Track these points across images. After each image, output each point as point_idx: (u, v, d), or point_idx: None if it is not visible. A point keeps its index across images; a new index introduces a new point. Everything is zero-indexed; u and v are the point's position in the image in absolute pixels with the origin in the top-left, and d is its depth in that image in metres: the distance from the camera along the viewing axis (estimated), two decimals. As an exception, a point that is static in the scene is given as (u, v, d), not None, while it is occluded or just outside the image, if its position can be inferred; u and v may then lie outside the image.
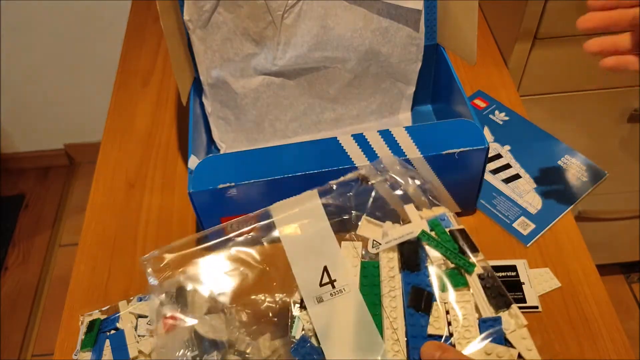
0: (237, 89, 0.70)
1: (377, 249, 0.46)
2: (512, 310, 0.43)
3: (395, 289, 0.44)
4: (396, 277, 0.45)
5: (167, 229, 0.70)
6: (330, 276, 0.44)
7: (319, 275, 0.44)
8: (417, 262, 0.45)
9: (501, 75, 0.85)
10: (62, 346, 0.60)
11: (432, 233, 0.47)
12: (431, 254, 0.46)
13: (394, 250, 0.47)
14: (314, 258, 0.45)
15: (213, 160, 0.60)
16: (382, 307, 0.43)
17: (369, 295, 0.44)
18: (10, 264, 1.61)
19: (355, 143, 0.59)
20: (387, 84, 0.74)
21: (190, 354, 0.51)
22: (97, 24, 1.43)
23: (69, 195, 1.78)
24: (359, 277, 0.45)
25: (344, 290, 0.44)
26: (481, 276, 0.45)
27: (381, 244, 0.46)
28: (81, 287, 0.65)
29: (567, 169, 0.72)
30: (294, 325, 0.45)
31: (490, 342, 0.41)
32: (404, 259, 0.46)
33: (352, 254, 0.46)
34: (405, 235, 0.46)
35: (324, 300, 0.43)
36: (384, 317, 0.43)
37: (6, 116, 1.66)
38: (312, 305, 0.43)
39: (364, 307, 0.43)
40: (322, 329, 0.42)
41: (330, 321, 0.42)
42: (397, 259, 0.46)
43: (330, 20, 0.66)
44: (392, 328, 0.42)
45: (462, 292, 0.44)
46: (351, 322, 0.42)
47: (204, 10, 0.64)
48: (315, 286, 0.44)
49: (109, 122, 0.84)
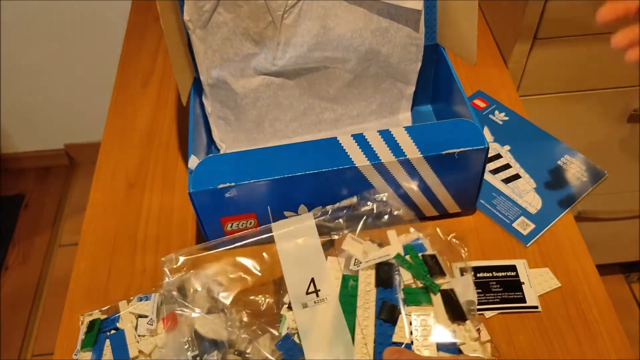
0: (237, 89, 0.70)
1: (358, 266, 0.52)
2: (467, 326, 0.50)
3: (369, 301, 0.50)
4: (371, 291, 0.51)
5: (167, 228, 0.70)
6: (316, 286, 0.51)
7: (306, 285, 0.51)
8: (390, 281, 0.52)
9: (501, 75, 0.85)
10: (62, 346, 0.60)
11: (407, 257, 0.54)
12: (403, 274, 0.52)
13: (372, 268, 0.53)
14: (303, 270, 0.52)
15: (213, 160, 0.60)
16: (357, 316, 0.49)
17: (346, 305, 0.50)
18: (10, 264, 1.61)
19: (355, 143, 0.59)
20: (387, 84, 0.74)
21: (190, 353, 0.52)
22: (97, 24, 1.43)
23: (69, 195, 1.78)
24: (340, 289, 0.52)
25: (325, 299, 0.51)
26: (445, 295, 0.51)
27: (362, 262, 0.52)
28: (81, 287, 0.65)
29: (567, 169, 0.72)
30: (282, 323, 0.52)
31: (444, 351, 0.48)
32: (379, 276, 0.52)
33: (336, 268, 0.53)
34: (384, 257, 0.53)
35: (308, 306, 0.50)
36: (357, 324, 0.49)
37: (6, 116, 1.66)
38: (297, 310, 0.50)
39: (341, 315, 0.49)
40: (304, 330, 0.49)
41: (311, 324, 0.49)
42: (373, 275, 0.53)
43: (330, 20, 0.66)
44: (362, 334, 0.49)
45: (426, 308, 0.50)
46: (329, 327, 0.49)
47: (204, 11, 0.64)
48: (302, 293, 0.51)
49: (109, 122, 0.84)
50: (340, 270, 0.53)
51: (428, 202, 0.64)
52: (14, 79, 1.55)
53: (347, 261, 0.54)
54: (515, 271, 0.62)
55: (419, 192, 0.63)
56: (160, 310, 0.57)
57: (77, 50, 1.49)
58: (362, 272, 0.53)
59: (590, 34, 0.83)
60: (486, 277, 0.61)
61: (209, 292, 0.57)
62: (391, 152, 0.59)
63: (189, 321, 0.53)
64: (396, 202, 0.58)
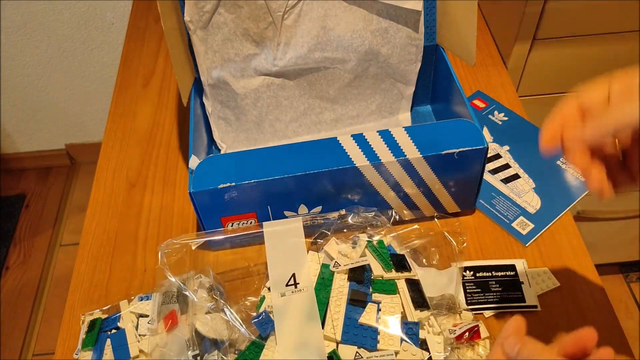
0: (238, 90, 0.70)
1: (337, 268, 0.56)
2: (431, 321, 0.54)
3: (342, 294, 0.55)
4: (345, 286, 0.55)
5: (168, 228, 0.70)
6: (295, 280, 0.56)
7: (287, 278, 0.56)
8: (362, 278, 0.56)
9: (500, 76, 0.86)
10: (63, 345, 0.61)
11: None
12: (374, 270, 0.56)
13: (346, 273, 0.57)
14: (286, 265, 0.57)
15: (213, 160, 0.60)
16: (329, 305, 0.54)
17: (320, 294, 0.55)
18: (11, 264, 1.61)
19: (355, 143, 0.60)
20: (386, 85, 0.74)
21: (191, 353, 0.52)
22: (98, 24, 1.43)
23: (69, 195, 1.79)
24: (317, 279, 0.56)
25: (302, 290, 0.55)
26: (410, 283, 0.56)
27: (340, 265, 0.56)
28: (82, 287, 0.65)
29: (566, 168, 0.72)
30: (261, 303, 0.56)
31: (407, 341, 0.51)
32: (353, 275, 0.56)
33: (315, 260, 0.58)
34: (361, 261, 0.56)
35: (286, 295, 0.55)
36: (328, 311, 0.53)
37: (7, 116, 1.66)
38: (276, 297, 0.55)
39: (314, 301, 0.54)
40: (279, 312, 0.54)
41: (287, 308, 0.54)
42: (348, 273, 0.57)
43: (330, 20, 0.66)
44: (332, 318, 0.53)
45: (392, 297, 0.55)
46: (302, 310, 0.53)
47: (205, 11, 0.65)
48: (282, 285, 0.55)
49: (110, 122, 0.84)
50: (319, 262, 0.57)
51: (427, 202, 0.65)
52: (15, 79, 1.55)
53: (327, 257, 0.58)
54: (514, 271, 0.62)
55: (418, 192, 0.63)
56: (161, 310, 0.57)
57: (78, 50, 1.49)
58: (337, 275, 0.56)
59: (589, 35, 0.83)
60: (485, 276, 0.61)
61: (209, 292, 0.57)
62: (391, 152, 0.59)
63: (189, 320, 0.53)
64: (384, 217, 0.62)
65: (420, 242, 0.61)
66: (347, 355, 0.51)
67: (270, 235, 0.60)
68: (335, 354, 0.51)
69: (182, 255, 0.59)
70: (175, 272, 0.57)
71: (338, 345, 0.52)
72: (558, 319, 0.59)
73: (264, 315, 0.53)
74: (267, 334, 0.53)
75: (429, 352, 0.51)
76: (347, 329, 0.52)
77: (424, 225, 0.63)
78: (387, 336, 0.52)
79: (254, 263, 0.62)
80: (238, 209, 0.61)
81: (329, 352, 0.51)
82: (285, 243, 0.59)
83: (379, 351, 0.51)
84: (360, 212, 0.61)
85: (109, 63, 1.52)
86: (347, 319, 0.53)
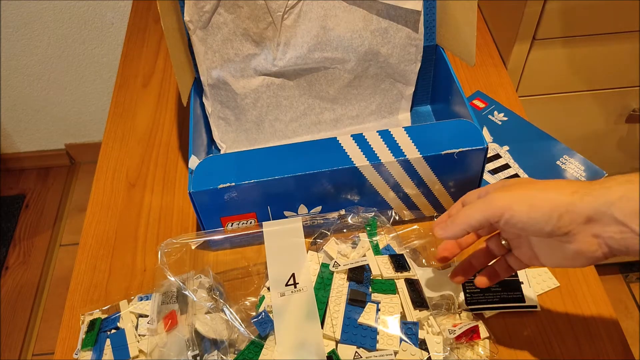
0: (238, 90, 0.70)
1: (337, 268, 0.56)
2: (430, 321, 0.54)
3: (342, 294, 0.55)
4: (344, 286, 0.55)
5: (168, 228, 0.70)
6: (295, 280, 0.56)
7: (286, 278, 0.56)
8: (362, 278, 0.56)
9: (500, 76, 0.86)
10: (63, 345, 0.61)
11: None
12: (373, 270, 0.56)
13: (345, 272, 0.57)
14: (286, 265, 0.57)
15: (213, 160, 0.60)
16: (328, 305, 0.54)
17: (319, 294, 0.55)
18: (11, 264, 1.61)
19: (354, 143, 0.60)
20: (386, 85, 0.74)
21: (190, 353, 0.52)
22: (98, 24, 1.43)
23: (69, 195, 1.79)
24: (316, 278, 0.56)
25: (302, 289, 0.55)
26: (409, 283, 0.56)
27: (340, 265, 0.57)
28: (82, 287, 0.65)
29: (566, 169, 0.72)
30: (260, 302, 0.56)
31: (407, 341, 0.51)
32: (353, 275, 0.56)
33: (315, 260, 0.58)
34: (360, 261, 0.57)
35: (285, 295, 0.55)
36: (328, 311, 0.54)
37: (7, 116, 1.66)
38: (275, 297, 0.55)
39: (313, 301, 0.54)
40: (278, 312, 0.54)
41: (286, 308, 0.54)
42: (347, 273, 0.57)
43: (330, 21, 0.66)
44: (332, 317, 0.53)
45: (392, 297, 0.55)
46: (301, 310, 0.53)
47: (205, 11, 0.65)
48: (282, 285, 0.56)
49: (110, 122, 0.84)
50: (318, 262, 0.58)
51: (427, 202, 0.65)
52: (14, 79, 1.55)
53: (326, 257, 0.58)
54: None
55: (418, 192, 0.63)
56: (160, 310, 0.57)
57: (78, 50, 1.49)
58: (336, 275, 0.56)
59: (589, 35, 0.84)
60: (485, 276, 0.61)
61: (209, 292, 0.57)
62: (390, 152, 0.59)
63: (189, 320, 0.53)
64: (384, 217, 0.62)
65: (419, 242, 0.61)
66: (346, 355, 0.51)
67: (270, 235, 0.60)
68: (334, 353, 0.51)
69: (181, 255, 0.59)
70: (175, 272, 0.57)
71: (337, 345, 0.52)
72: (558, 319, 0.59)
73: (263, 315, 0.53)
74: (267, 334, 0.53)
75: (428, 352, 0.51)
76: (346, 328, 0.52)
77: (424, 225, 0.63)
78: (386, 336, 0.52)
79: (253, 263, 0.62)
80: (238, 209, 0.61)
81: (328, 352, 0.51)
82: (284, 243, 0.59)
83: (378, 351, 0.51)
84: (360, 212, 0.61)
85: (109, 63, 1.52)
86: (346, 318, 0.53)
